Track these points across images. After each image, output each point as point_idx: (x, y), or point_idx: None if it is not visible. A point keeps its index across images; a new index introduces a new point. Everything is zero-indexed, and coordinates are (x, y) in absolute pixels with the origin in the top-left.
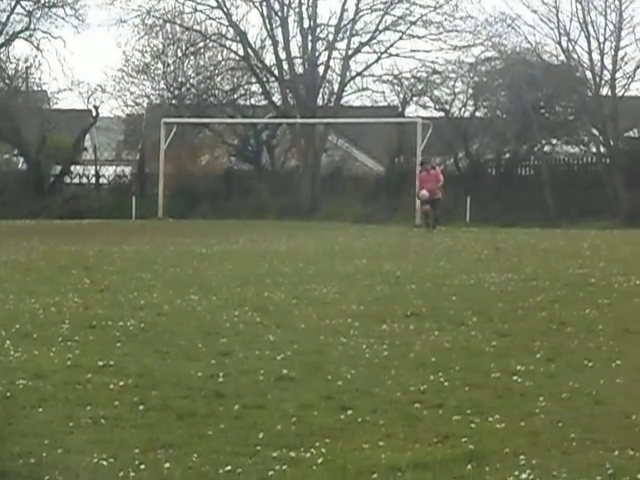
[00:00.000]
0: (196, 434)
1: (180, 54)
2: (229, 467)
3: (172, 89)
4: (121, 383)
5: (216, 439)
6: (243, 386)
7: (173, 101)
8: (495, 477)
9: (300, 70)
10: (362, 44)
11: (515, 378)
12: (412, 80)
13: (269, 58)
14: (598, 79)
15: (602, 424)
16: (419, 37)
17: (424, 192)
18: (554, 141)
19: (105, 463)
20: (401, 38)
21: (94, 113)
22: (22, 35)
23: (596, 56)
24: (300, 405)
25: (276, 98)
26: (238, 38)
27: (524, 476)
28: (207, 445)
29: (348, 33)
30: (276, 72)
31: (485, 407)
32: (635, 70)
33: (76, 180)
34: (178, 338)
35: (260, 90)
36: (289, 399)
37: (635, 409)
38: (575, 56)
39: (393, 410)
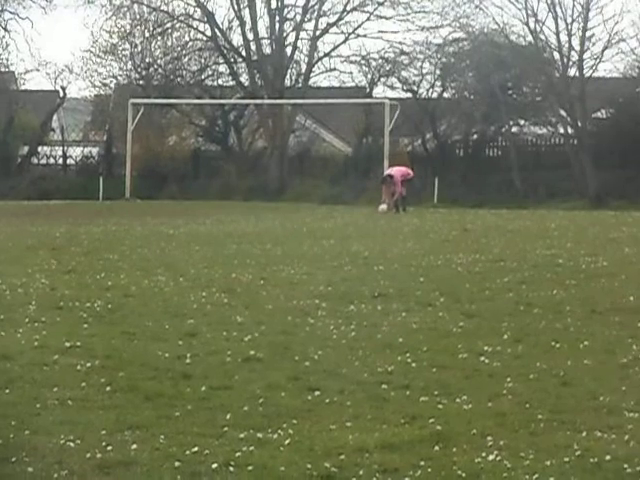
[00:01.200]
0: (163, 415)
1: (147, 35)
2: (196, 448)
3: (139, 70)
4: (88, 364)
5: (183, 420)
6: (210, 367)
7: (140, 82)
8: (462, 458)
9: (268, 51)
10: (330, 25)
11: (482, 359)
12: (380, 61)
13: (237, 39)
14: (566, 60)
15: (569, 405)
16: (387, 18)
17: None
18: (522, 122)
19: (72, 444)
20: (369, 19)
21: (61, 94)
22: None
23: (564, 37)
24: (267, 386)
25: (244, 79)
26: (205, 19)
27: (491, 457)
28: (174, 426)
29: (315, 14)
30: (244, 53)
31: (452, 388)
32: (603, 51)
33: (43, 161)
34: (145, 319)
35: (227, 71)
36: (256, 380)
37: (602, 390)
38: (543, 37)
39: (360, 391)
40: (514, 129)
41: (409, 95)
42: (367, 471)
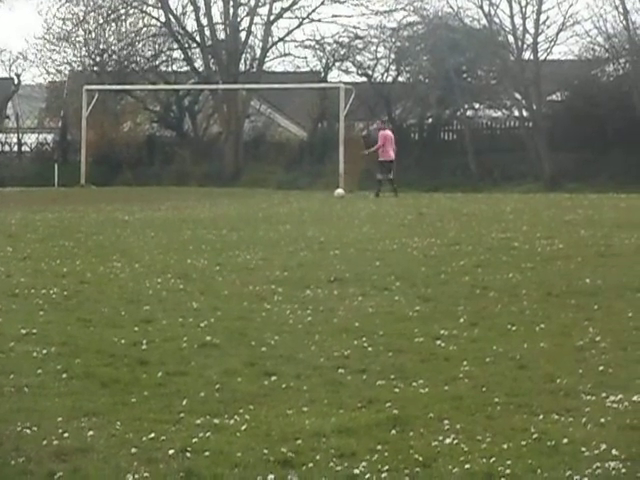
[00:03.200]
0: (119, 402)
1: (101, 21)
2: (153, 434)
3: (94, 56)
4: (44, 351)
5: (139, 406)
6: (166, 353)
7: (95, 68)
8: (419, 442)
9: (222, 36)
10: (284, 9)
11: (439, 343)
12: (334, 45)
13: (191, 24)
14: (520, 43)
15: (526, 388)
16: (341, 2)
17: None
18: (477, 105)
19: (28, 431)
20: (323, 3)
21: (16, 81)
22: None
23: (518, 20)
24: (224, 371)
25: (198, 64)
26: (159, 4)
27: (448, 441)
28: (130, 412)
29: None
30: (198, 38)
31: (409, 372)
32: (557, 34)
33: None
34: (101, 306)
35: (182, 56)
36: (213, 366)
37: (559, 373)
38: (497, 20)
39: (317, 376)
40: (469, 112)
41: (364, 79)
42: (324, 456)
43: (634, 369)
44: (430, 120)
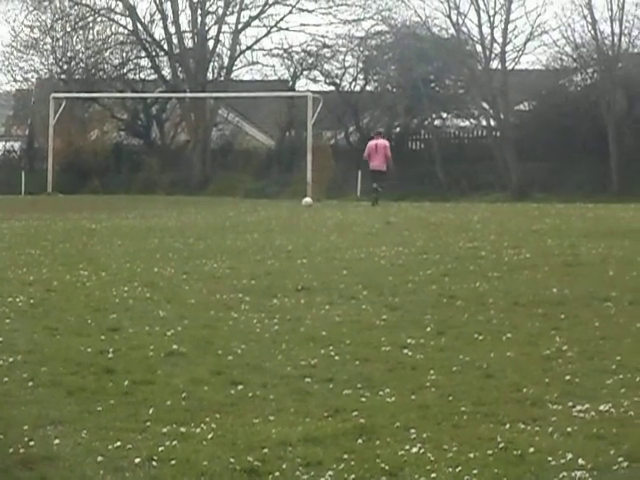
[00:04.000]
0: (86, 410)
1: (69, 29)
2: (119, 443)
3: (61, 64)
4: (10, 359)
5: (106, 415)
6: (133, 362)
7: (62, 76)
8: (386, 451)
9: (190, 44)
10: (252, 18)
11: (405, 352)
12: (302, 54)
13: (158, 32)
14: (488, 52)
15: (493, 397)
16: (309, 11)
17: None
18: (444, 115)
19: None
20: (291, 12)
21: None
22: None
23: (486, 29)
24: (190, 380)
25: (166, 72)
26: (127, 12)
27: (414, 450)
28: (97, 421)
29: (237, 7)
30: (166, 46)
31: (375, 381)
32: (525, 43)
33: None
34: (67, 314)
35: (149, 64)
36: (179, 374)
37: (526, 382)
38: (465, 29)
39: (283, 385)
40: (437, 122)
41: (332, 88)
42: (290, 465)
43: (600, 379)
44: (398, 129)
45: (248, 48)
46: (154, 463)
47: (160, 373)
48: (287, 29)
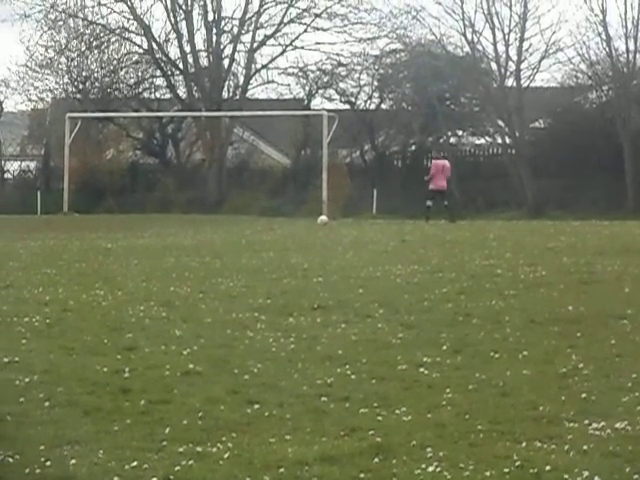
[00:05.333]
0: (102, 430)
1: (84, 48)
2: (135, 463)
3: (76, 83)
4: (27, 379)
5: (122, 435)
6: (149, 381)
7: (77, 95)
8: (402, 470)
9: (205, 63)
10: (267, 37)
11: (422, 370)
12: (317, 73)
13: (174, 51)
14: (503, 70)
15: (509, 416)
16: (324, 29)
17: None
18: (460, 132)
19: (11, 460)
20: (306, 31)
21: None
22: None
23: (501, 47)
24: (206, 399)
25: (181, 91)
26: (142, 31)
27: (431, 468)
28: (113, 441)
29: (253, 26)
30: (181, 65)
31: (392, 400)
32: (540, 61)
33: None
34: (83, 334)
35: (165, 83)
36: (195, 394)
37: (542, 400)
38: (480, 47)
39: (300, 404)
40: (452, 140)
41: (347, 107)
42: None
43: (616, 396)
44: (413, 147)
45: (263, 67)
46: None
47: (176, 392)
48: (302, 48)
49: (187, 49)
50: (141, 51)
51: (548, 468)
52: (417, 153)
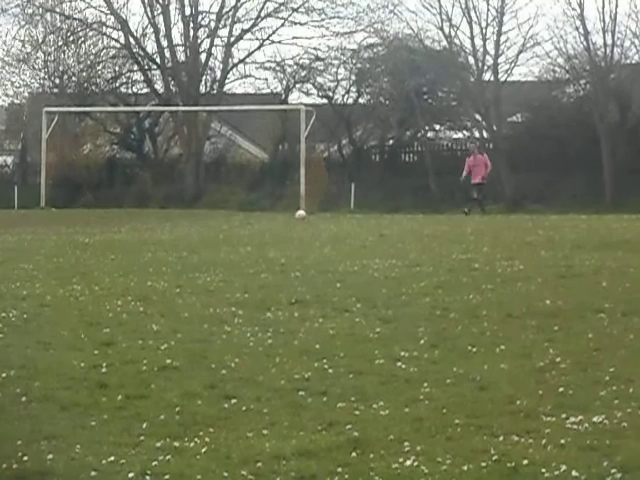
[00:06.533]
0: (79, 425)
1: (61, 43)
2: (112, 457)
3: (53, 78)
4: (3, 375)
5: (99, 430)
6: (126, 376)
7: (55, 90)
8: (379, 464)
9: (182, 58)
10: (244, 31)
11: (399, 364)
12: (295, 67)
13: (151, 46)
14: (480, 64)
15: (486, 410)
16: (301, 24)
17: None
18: (437, 127)
19: None
20: (283, 25)
21: None
22: None
23: (478, 41)
24: (184, 394)
25: (158, 86)
26: (119, 26)
27: (408, 462)
28: (90, 436)
29: (230, 20)
30: (158, 60)
31: (369, 394)
32: (517, 55)
33: None
34: (61, 328)
35: (142, 78)
36: (173, 389)
37: (519, 394)
38: (457, 41)
39: (277, 398)
40: (430, 134)
41: (325, 101)
42: (284, 478)
43: (594, 390)
44: (391, 142)
45: (241, 61)
46: (148, 478)
47: (154, 387)
48: (280, 42)
49: (164, 43)
50: (118, 46)
51: (525, 462)
52: (395, 147)
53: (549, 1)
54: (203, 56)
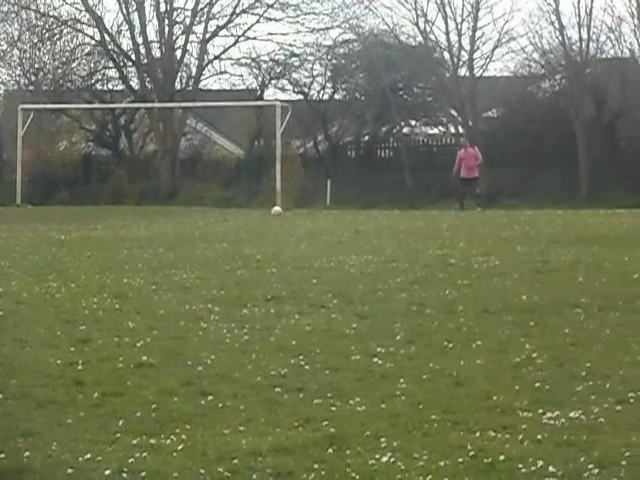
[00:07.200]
0: (56, 422)
1: (36, 40)
2: (89, 455)
3: (29, 75)
4: None
5: (75, 427)
6: (102, 373)
7: (30, 87)
8: (356, 460)
9: (157, 54)
10: (219, 27)
11: (375, 360)
12: (270, 63)
13: (126, 43)
14: (456, 60)
15: (463, 405)
16: (276, 20)
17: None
18: (413, 122)
19: None
20: (258, 21)
21: None
22: None
23: (454, 37)
24: (160, 391)
25: (134, 83)
26: (94, 23)
27: (385, 459)
28: (66, 433)
29: (205, 17)
30: (133, 57)
31: (346, 390)
32: (493, 50)
33: None
34: (37, 326)
35: (117, 75)
36: (149, 386)
37: (496, 390)
38: (433, 37)
39: (254, 395)
40: (405, 130)
41: (300, 97)
42: (261, 475)
43: (570, 385)
44: (367, 137)
45: (216, 58)
46: (124, 475)
47: (130, 385)
48: (255, 38)
49: (139, 40)
50: (93, 42)
51: (502, 458)
52: (370, 143)
53: None
54: (178, 53)
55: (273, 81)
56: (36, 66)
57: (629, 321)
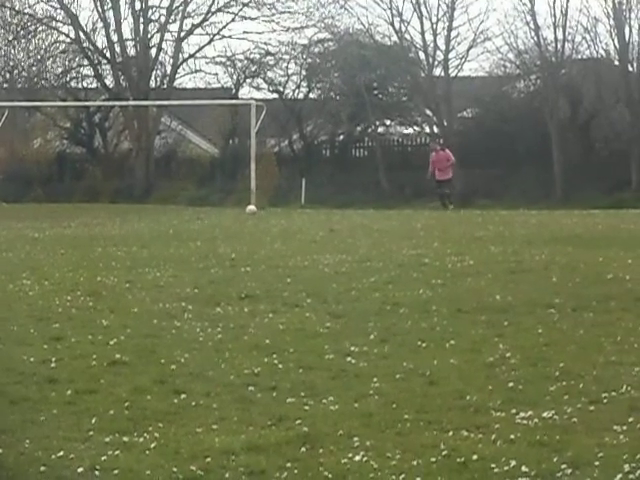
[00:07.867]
0: (29, 419)
1: (11, 37)
2: (62, 452)
3: (3, 73)
4: None
5: (49, 424)
6: (76, 371)
7: (4, 85)
8: (329, 459)
9: (132, 52)
10: (194, 26)
11: (349, 359)
12: (245, 62)
13: (101, 41)
14: (431, 60)
15: (436, 405)
16: (252, 19)
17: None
18: (388, 122)
19: None
20: (233, 20)
21: None
22: None
23: (429, 36)
24: (133, 389)
25: (108, 81)
26: (69, 21)
27: (358, 458)
28: (39, 430)
29: (180, 15)
30: (108, 55)
31: (319, 389)
32: (468, 50)
33: None
34: (10, 323)
35: (92, 73)
36: (122, 384)
37: (469, 389)
38: (408, 37)
39: (227, 393)
40: (380, 129)
41: (275, 96)
42: (233, 473)
43: (544, 385)
44: (341, 137)
45: (191, 56)
46: (97, 473)
47: (103, 382)
48: (230, 37)
49: (114, 38)
50: (68, 40)
51: (475, 457)
52: (345, 143)
53: None
54: (153, 51)
55: (248, 80)
56: (11, 64)
57: (603, 321)
